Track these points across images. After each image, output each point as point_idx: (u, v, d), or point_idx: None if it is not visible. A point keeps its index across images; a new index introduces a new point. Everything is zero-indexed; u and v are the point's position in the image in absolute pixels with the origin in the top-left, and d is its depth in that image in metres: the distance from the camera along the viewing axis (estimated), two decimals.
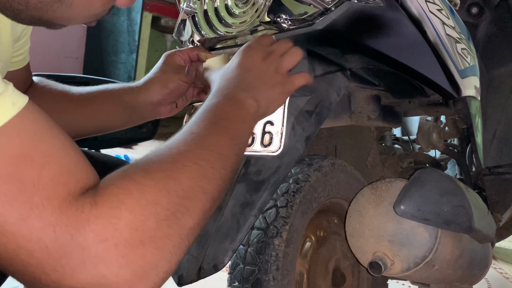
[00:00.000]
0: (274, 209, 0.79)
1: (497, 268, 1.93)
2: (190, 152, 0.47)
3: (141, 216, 0.38)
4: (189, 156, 0.47)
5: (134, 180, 0.41)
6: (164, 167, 0.44)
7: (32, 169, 0.36)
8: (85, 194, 0.38)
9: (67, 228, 0.35)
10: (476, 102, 0.98)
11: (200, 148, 0.49)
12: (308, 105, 0.73)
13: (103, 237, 0.36)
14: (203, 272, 0.66)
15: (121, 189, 0.39)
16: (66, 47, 3.54)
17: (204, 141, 0.50)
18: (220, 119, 0.55)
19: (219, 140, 0.52)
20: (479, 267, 0.87)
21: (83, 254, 0.35)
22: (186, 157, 0.46)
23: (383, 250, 0.74)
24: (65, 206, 0.36)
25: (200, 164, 0.46)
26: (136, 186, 0.40)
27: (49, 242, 0.35)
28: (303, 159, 0.88)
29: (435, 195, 0.72)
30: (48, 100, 0.78)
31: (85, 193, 0.38)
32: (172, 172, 0.44)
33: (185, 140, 0.49)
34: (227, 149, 0.52)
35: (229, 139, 0.53)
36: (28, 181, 0.35)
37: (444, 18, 0.85)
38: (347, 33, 0.72)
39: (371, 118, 0.93)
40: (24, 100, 0.38)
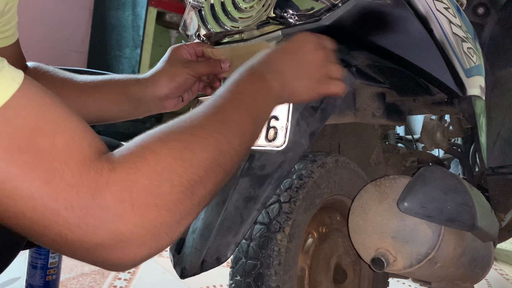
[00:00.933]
0: (277, 204, 0.79)
1: (498, 269, 1.93)
2: (209, 125, 0.49)
3: (156, 182, 0.41)
4: (207, 129, 0.48)
5: (151, 149, 0.43)
6: (181, 137, 0.46)
7: (46, 138, 0.38)
8: (102, 159, 0.40)
9: (88, 189, 0.38)
10: (481, 101, 0.97)
11: (220, 123, 0.50)
12: (313, 101, 0.73)
13: (121, 198, 0.39)
14: (206, 265, 0.66)
15: (138, 157, 0.42)
16: (70, 41, 3.54)
17: (225, 116, 0.51)
18: (243, 95, 0.55)
19: (239, 116, 0.52)
20: (481, 266, 0.87)
21: (104, 213, 0.38)
22: (205, 130, 0.48)
23: (386, 247, 0.74)
24: (84, 169, 0.38)
25: (217, 138, 0.48)
26: (152, 155, 0.42)
27: (74, 202, 0.37)
28: (307, 155, 0.88)
29: (439, 193, 0.72)
30: (49, 86, 0.77)
31: (100, 158, 0.40)
32: (189, 143, 0.45)
33: (206, 113, 0.50)
34: (246, 127, 0.52)
35: (249, 117, 0.53)
36: (45, 150, 0.38)
37: (450, 17, 0.85)
38: (354, 30, 0.72)
39: (375, 115, 0.93)
40: (20, 74, 0.39)
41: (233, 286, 0.77)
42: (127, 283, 1.40)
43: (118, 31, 3.34)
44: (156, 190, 0.41)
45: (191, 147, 0.45)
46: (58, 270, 1.27)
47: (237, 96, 0.55)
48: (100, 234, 0.38)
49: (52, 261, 1.24)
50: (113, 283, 1.38)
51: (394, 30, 0.75)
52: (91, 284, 1.36)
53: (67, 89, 0.77)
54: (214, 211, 0.69)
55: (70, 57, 3.55)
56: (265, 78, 0.58)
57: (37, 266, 1.23)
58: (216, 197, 0.70)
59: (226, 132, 0.49)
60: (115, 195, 0.39)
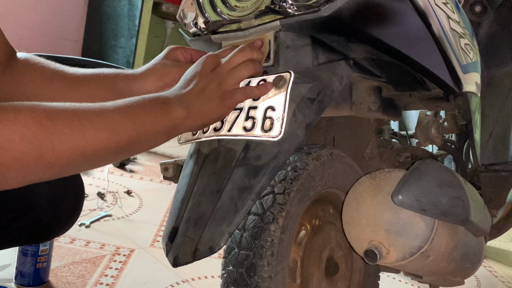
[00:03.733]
0: (271, 196, 0.79)
1: (487, 266, 1.95)
2: (83, 112, 0.57)
3: (9, 129, 0.50)
4: (79, 114, 0.56)
5: (16, 107, 0.52)
6: (50, 110, 0.54)
7: None
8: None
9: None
10: (477, 98, 0.98)
11: (94, 114, 0.57)
12: (310, 92, 0.72)
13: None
14: (199, 253, 0.66)
15: (3, 109, 0.51)
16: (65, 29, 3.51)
17: (105, 112, 0.58)
18: (138, 106, 0.61)
19: (119, 117, 0.59)
20: (472, 261, 0.88)
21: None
22: (75, 114, 0.56)
23: (379, 239, 0.74)
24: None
25: (84, 123, 0.55)
26: (14, 111, 0.51)
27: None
28: (302, 147, 0.88)
29: (434, 186, 0.72)
30: (38, 78, 0.77)
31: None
32: (54, 116, 0.54)
33: (96, 105, 0.59)
34: (121, 128, 0.59)
35: (130, 121, 0.59)
36: None
37: (449, 12, 0.85)
38: (353, 21, 0.72)
39: (371, 109, 0.93)
40: None
41: (226, 276, 0.77)
42: (118, 272, 1.39)
43: (114, 20, 3.31)
44: (6, 137, 0.49)
45: (53, 119, 0.53)
46: (48, 258, 1.26)
47: (127, 104, 0.61)
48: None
49: (43, 248, 1.24)
50: (104, 272, 1.38)
51: (393, 23, 0.75)
52: (82, 273, 1.35)
53: (57, 82, 0.78)
54: (208, 200, 0.69)
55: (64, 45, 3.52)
56: (168, 103, 0.64)
57: (28, 253, 1.23)
58: (211, 186, 0.70)
59: (96, 123, 0.56)
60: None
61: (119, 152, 0.60)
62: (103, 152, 0.57)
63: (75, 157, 0.55)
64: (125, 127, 0.59)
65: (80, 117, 0.56)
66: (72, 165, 0.56)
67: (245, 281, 0.74)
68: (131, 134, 0.59)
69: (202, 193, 0.70)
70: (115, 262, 1.45)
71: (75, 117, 0.55)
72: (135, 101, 0.62)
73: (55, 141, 0.53)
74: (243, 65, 0.69)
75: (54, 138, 0.53)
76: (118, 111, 0.59)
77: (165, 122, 0.63)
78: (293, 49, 0.73)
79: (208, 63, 0.69)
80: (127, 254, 1.52)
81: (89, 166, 0.59)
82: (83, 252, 1.48)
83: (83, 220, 1.69)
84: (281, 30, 0.72)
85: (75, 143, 0.54)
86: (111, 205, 1.92)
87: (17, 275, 1.24)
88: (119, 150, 0.59)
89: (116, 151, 0.59)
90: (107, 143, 0.57)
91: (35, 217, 0.86)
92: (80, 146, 0.55)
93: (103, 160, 0.59)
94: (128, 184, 2.23)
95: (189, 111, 0.65)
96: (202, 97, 0.66)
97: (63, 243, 1.51)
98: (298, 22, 0.71)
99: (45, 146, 0.52)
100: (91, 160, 0.57)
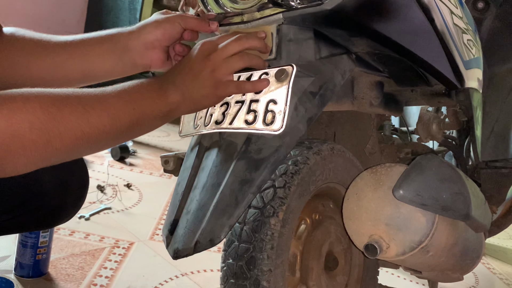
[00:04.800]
0: (272, 189, 0.79)
1: (485, 263, 1.95)
2: (85, 98, 0.59)
3: (18, 118, 0.53)
4: (82, 101, 0.59)
5: (24, 96, 0.55)
6: (55, 97, 0.57)
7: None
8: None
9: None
10: (478, 94, 0.98)
11: (96, 100, 0.60)
12: (312, 86, 0.72)
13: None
14: (199, 246, 0.66)
15: (10, 98, 0.54)
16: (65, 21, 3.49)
17: (104, 97, 0.61)
18: (136, 91, 0.64)
19: (118, 103, 0.61)
20: (471, 257, 0.88)
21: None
22: (79, 100, 0.58)
23: (380, 234, 0.74)
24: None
25: (87, 109, 0.58)
26: (22, 99, 0.54)
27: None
28: (303, 142, 0.88)
29: (435, 181, 0.72)
30: (25, 48, 0.77)
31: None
32: (59, 103, 0.56)
33: (92, 91, 0.61)
34: (122, 113, 0.61)
35: (130, 107, 0.62)
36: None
37: (452, 7, 0.85)
38: (356, 15, 0.71)
39: (373, 104, 0.93)
40: None
41: (225, 269, 0.77)
42: (118, 265, 1.40)
43: (115, 13, 3.30)
44: (17, 125, 0.52)
45: (59, 106, 0.56)
46: (48, 250, 1.26)
47: (126, 89, 0.63)
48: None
49: (43, 240, 1.24)
50: (104, 264, 1.38)
51: (396, 17, 0.75)
52: (81, 265, 1.35)
53: (41, 49, 0.77)
54: (209, 193, 0.69)
55: None
56: (164, 88, 0.66)
57: (27, 245, 1.23)
58: (211, 179, 0.70)
59: (98, 109, 0.59)
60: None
61: (119, 136, 0.63)
62: (105, 136, 0.60)
63: (80, 142, 0.58)
64: (126, 113, 0.61)
65: (84, 103, 0.58)
66: (76, 150, 0.59)
67: (244, 274, 0.74)
68: (131, 119, 0.62)
69: (203, 186, 0.70)
70: (114, 254, 1.46)
71: (79, 104, 0.58)
72: (133, 86, 0.64)
73: (61, 127, 0.55)
74: (239, 56, 0.69)
75: (60, 125, 0.55)
76: (118, 97, 0.62)
77: (162, 107, 0.65)
78: (295, 43, 0.73)
79: (204, 49, 0.69)
80: (127, 247, 1.52)
81: (92, 150, 0.62)
82: (83, 244, 1.49)
83: (83, 213, 1.69)
84: (284, 23, 0.72)
85: (80, 129, 0.57)
86: (110, 198, 1.93)
87: (17, 267, 1.24)
88: (120, 134, 0.62)
89: (117, 135, 0.62)
90: (109, 128, 0.60)
91: (41, 202, 0.87)
92: (85, 132, 0.57)
93: (105, 144, 0.62)
94: (128, 177, 2.23)
95: (183, 96, 0.67)
96: (195, 82, 0.67)
97: (62, 235, 1.52)
98: (301, 15, 0.71)
99: (53, 133, 0.55)
100: (94, 144, 0.60)
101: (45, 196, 0.87)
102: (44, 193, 0.87)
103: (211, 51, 0.69)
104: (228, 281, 0.76)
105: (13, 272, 1.25)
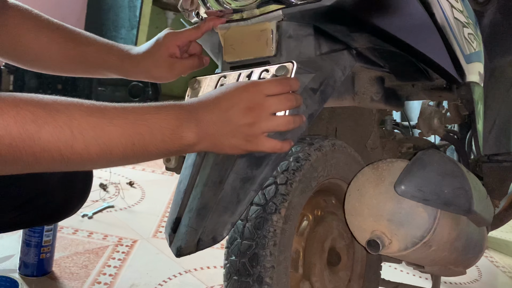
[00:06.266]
0: (274, 186, 0.79)
1: (488, 256, 1.95)
2: (77, 121, 0.50)
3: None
4: (73, 122, 0.49)
5: (13, 116, 0.47)
6: (38, 112, 0.48)
7: None
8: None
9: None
10: (480, 88, 0.97)
11: (91, 127, 0.50)
12: (312, 82, 0.72)
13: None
14: (202, 244, 0.66)
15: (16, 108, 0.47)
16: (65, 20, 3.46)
17: (103, 125, 0.51)
18: (143, 122, 0.54)
19: (115, 133, 0.52)
20: (473, 251, 0.88)
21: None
22: (71, 124, 0.49)
23: (382, 229, 0.75)
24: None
25: (74, 134, 0.49)
26: (12, 110, 0.46)
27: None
28: (304, 138, 0.88)
29: (436, 176, 0.72)
30: (32, 28, 0.79)
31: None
32: (41, 120, 0.48)
33: (96, 112, 0.51)
34: (117, 147, 0.52)
35: (129, 142, 0.53)
36: None
37: (453, 1, 0.84)
38: (355, 11, 0.71)
39: (374, 99, 0.93)
40: None
41: (228, 266, 0.77)
42: (121, 263, 1.40)
43: (114, 11, 3.29)
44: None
45: (40, 124, 0.47)
46: (52, 248, 1.27)
47: (135, 117, 0.53)
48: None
49: (46, 239, 1.24)
50: (107, 262, 1.39)
51: (396, 12, 0.74)
52: (85, 263, 1.36)
53: (56, 36, 0.80)
54: (211, 191, 0.69)
55: None
56: (182, 125, 0.56)
57: (31, 244, 1.23)
58: (213, 177, 0.70)
59: (89, 137, 0.50)
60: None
61: (106, 165, 0.55)
62: (88, 164, 0.52)
63: (58, 164, 0.51)
64: (122, 146, 0.53)
65: (73, 126, 0.49)
66: (53, 168, 0.52)
67: (247, 271, 0.75)
68: (126, 153, 0.53)
69: (205, 184, 0.70)
70: (117, 252, 1.46)
71: (66, 125, 0.49)
72: (142, 114, 0.54)
73: (36, 148, 0.48)
74: (286, 119, 0.62)
75: (35, 145, 0.48)
76: (118, 126, 0.52)
77: (172, 147, 0.57)
78: (295, 39, 0.73)
79: (249, 98, 0.60)
80: (130, 245, 1.53)
81: (75, 169, 0.54)
82: (86, 242, 1.49)
83: (86, 211, 1.70)
84: (284, 19, 0.72)
85: (59, 153, 0.49)
86: (113, 196, 1.93)
87: (21, 266, 1.25)
88: (107, 164, 0.55)
89: (103, 165, 0.55)
90: (95, 159, 0.52)
91: (48, 199, 0.88)
92: (65, 155, 0.50)
93: (86, 168, 0.55)
94: (130, 175, 2.24)
95: (204, 138, 0.58)
96: (226, 129, 0.59)
97: (66, 234, 1.52)
98: (300, 12, 0.71)
99: (25, 152, 0.48)
100: (75, 167, 0.53)
101: (52, 192, 0.88)
102: (51, 190, 0.88)
103: (257, 101, 0.60)
104: (231, 278, 0.77)
105: (17, 271, 1.25)
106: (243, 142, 0.61)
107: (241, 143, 0.61)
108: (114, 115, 0.52)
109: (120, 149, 0.52)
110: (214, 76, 0.74)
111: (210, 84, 0.74)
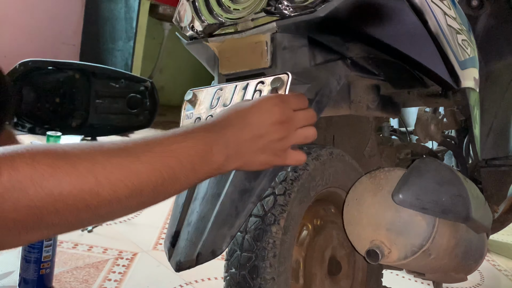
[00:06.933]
0: (272, 197, 0.79)
1: (490, 260, 1.95)
2: (100, 164, 0.45)
3: (2, 197, 0.41)
4: (96, 167, 0.45)
5: (12, 163, 0.42)
6: (57, 163, 0.43)
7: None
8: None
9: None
10: (475, 93, 0.98)
11: (115, 167, 0.46)
12: (308, 93, 0.72)
13: None
14: (201, 257, 0.66)
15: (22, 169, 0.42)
16: (62, 33, 3.51)
17: (130, 162, 0.47)
18: (174, 151, 0.50)
19: (146, 171, 0.47)
20: (474, 257, 0.88)
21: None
22: (91, 165, 0.45)
23: (381, 238, 0.75)
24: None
25: (99, 180, 0.44)
26: (9, 169, 0.41)
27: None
28: (302, 147, 0.88)
29: (434, 184, 0.72)
30: None
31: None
32: (60, 172, 0.43)
33: (113, 149, 0.47)
34: (147, 184, 0.48)
35: (160, 177, 0.48)
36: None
37: (445, 9, 0.85)
38: (349, 21, 0.72)
39: (370, 107, 0.93)
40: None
41: (228, 279, 0.77)
42: (122, 276, 1.39)
43: (111, 23, 3.31)
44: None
45: (59, 177, 0.43)
46: (52, 264, 1.26)
47: (162, 149, 0.49)
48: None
49: (46, 254, 1.24)
50: (108, 276, 1.38)
51: (389, 21, 0.75)
52: (85, 278, 1.35)
53: None
54: (209, 204, 0.69)
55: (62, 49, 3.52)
56: (212, 152, 0.53)
57: (31, 260, 1.23)
58: (211, 190, 0.70)
59: (115, 179, 0.45)
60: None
61: (137, 208, 0.50)
62: (118, 210, 0.47)
63: (85, 219, 0.46)
64: (152, 184, 0.48)
65: (96, 171, 0.45)
66: (80, 224, 0.47)
67: (248, 283, 0.74)
68: (157, 190, 0.49)
69: (203, 197, 0.70)
70: (118, 266, 1.45)
71: (90, 172, 0.44)
72: (170, 144, 0.50)
73: (58, 204, 0.43)
74: (312, 130, 0.63)
75: (57, 202, 0.43)
76: (146, 162, 0.47)
77: (201, 174, 0.53)
78: (290, 50, 0.73)
79: (277, 113, 0.58)
80: (130, 258, 1.52)
81: (99, 221, 0.49)
82: (86, 257, 1.48)
83: None
84: (278, 31, 0.72)
85: (84, 204, 0.44)
86: None
87: (21, 282, 1.24)
88: (137, 206, 0.49)
89: (133, 208, 0.49)
90: (125, 202, 0.47)
91: None
92: (91, 205, 0.45)
93: (116, 216, 0.50)
94: None
95: (233, 158, 0.56)
96: (257, 145, 0.57)
97: (65, 248, 1.52)
98: (294, 23, 0.71)
99: (47, 211, 0.43)
100: (101, 217, 0.48)
101: None
102: None
103: (288, 116, 0.59)
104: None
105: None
106: (272, 158, 0.59)
107: (271, 159, 0.59)
108: (139, 151, 0.48)
109: (151, 187, 0.48)
110: (210, 88, 0.74)
111: (207, 96, 0.74)
